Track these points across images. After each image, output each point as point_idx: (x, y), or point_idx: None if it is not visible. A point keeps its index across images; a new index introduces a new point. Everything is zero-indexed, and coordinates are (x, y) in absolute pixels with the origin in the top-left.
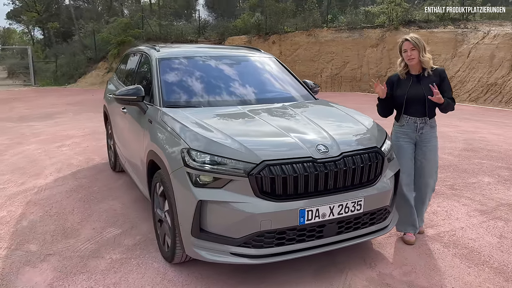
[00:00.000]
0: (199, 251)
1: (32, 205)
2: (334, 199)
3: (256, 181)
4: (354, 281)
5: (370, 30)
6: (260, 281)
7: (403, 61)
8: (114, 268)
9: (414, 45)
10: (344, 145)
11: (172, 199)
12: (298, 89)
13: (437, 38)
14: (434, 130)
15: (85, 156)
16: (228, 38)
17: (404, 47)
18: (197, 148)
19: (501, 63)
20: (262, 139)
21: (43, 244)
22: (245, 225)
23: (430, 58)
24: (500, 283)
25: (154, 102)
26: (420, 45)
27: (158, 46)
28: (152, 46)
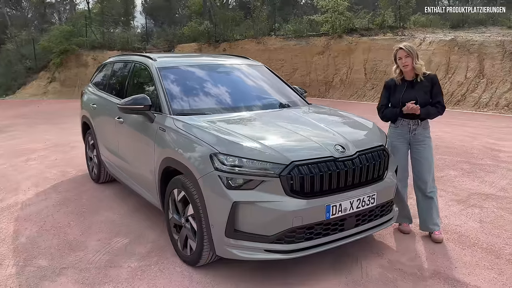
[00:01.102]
0: (233, 250)
1: (23, 221)
2: (353, 194)
3: (286, 181)
4: (370, 269)
5: (315, 38)
6: (285, 275)
7: (398, 68)
8: (137, 276)
9: (408, 52)
10: (357, 144)
11: (201, 202)
12: (293, 95)
13: (378, 45)
14: (428, 131)
15: (58, 169)
16: (177, 46)
17: (399, 55)
18: (226, 152)
19: (438, 67)
20: (284, 141)
21: (52, 259)
22: (278, 222)
23: (422, 65)
24: (493, 260)
25: (162, 110)
26: (413, 52)
27: (153, 55)
28: (146, 55)
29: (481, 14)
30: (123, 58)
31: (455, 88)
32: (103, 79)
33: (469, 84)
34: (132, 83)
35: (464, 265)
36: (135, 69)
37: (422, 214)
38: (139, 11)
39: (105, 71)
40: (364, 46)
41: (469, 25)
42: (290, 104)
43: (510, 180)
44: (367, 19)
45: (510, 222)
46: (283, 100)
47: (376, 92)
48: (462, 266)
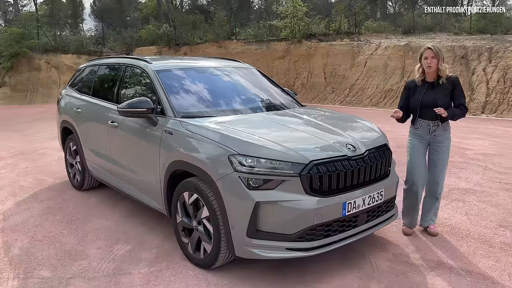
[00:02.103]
0: (254, 250)
1: (10, 232)
2: (365, 192)
3: (306, 180)
4: (378, 263)
5: (276, 42)
6: (301, 274)
7: (421, 67)
8: (151, 281)
9: (435, 54)
10: (365, 144)
11: (218, 204)
12: (288, 97)
13: (336, 50)
14: (448, 132)
15: (32, 177)
16: (135, 49)
17: (426, 55)
18: (245, 153)
19: (393, 71)
20: (299, 142)
21: (55, 269)
22: (299, 221)
23: (447, 68)
24: (488, 249)
25: (166, 113)
26: (441, 54)
27: (146, 57)
28: (139, 58)
29: (429, 21)
30: (109, 61)
31: None
32: (86, 83)
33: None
34: (124, 86)
35: (463, 255)
36: (126, 72)
37: (425, 210)
38: (88, 13)
39: (88, 75)
40: (323, 51)
41: (419, 31)
42: (288, 106)
43: (482, 175)
44: (323, 25)
45: (493, 214)
46: (281, 102)
47: (336, 96)
48: (461, 256)
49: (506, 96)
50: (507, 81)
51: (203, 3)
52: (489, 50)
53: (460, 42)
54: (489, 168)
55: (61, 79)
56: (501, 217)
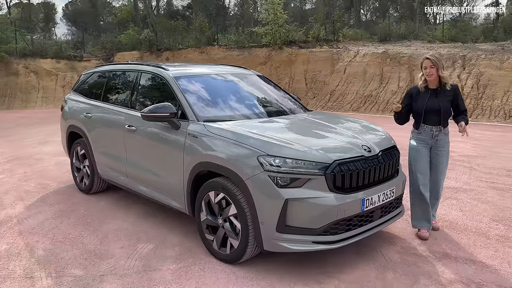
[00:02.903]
0: (284, 244)
1: (29, 234)
2: (380, 189)
3: (330, 178)
4: (390, 255)
5: (257, 49)
6: (323, 265)
7: (423, 76)
8: (182, 276)
9: (434, 63)
10: (378, 145)
11: (248, 202)
12: (295, 102)
13: (317, 56)
14: (447, 137)
15: (35, 182)
16: (117, 54)
17: (425, 65)
18: (274, 154)
19: (372, 77)
20: (320, 143)
21: (85, 268)
22: (325, 216)
23: (448, 74)
24: (486, 241)
25: (188, 118)
26: (439, 63)
27: (163, 64)
28: (155, 65)
29: (402, 29)
30: (120, 67)
31: (390, 97)
32: (95, 88)
33: (402, 93)
34: (140, 92)
35: (465, 246)
36: (141, 78)
37: (423, 211)
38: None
39: (97, 81)
40: (304, 57)
41: (394, 39)
42: (298, 110)
43: (469, 175)
44: (302, 32)
45: (485, 210)
46: (292, 106)
47: (317, 101)
48: (463, 247)
49: (480, 102)
50: (481, 87)
51: (178, 8)
52: (463, 58)
53: (435, 50)
54: (474, 169)
55: (40, 84)
56: (492, 212)
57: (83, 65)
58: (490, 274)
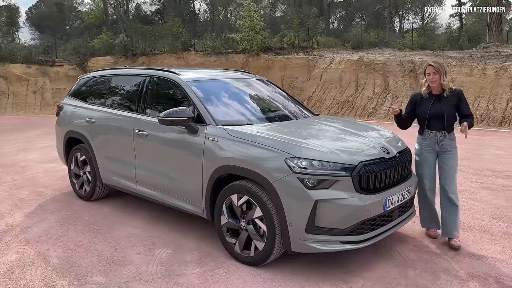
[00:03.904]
0: (312, 244)
1: (37, 243)
2: (398, 189)
3: (356, 180)
4: (406, 253)
5: (234, 55)
6: (345, 265)
7: (426, 82)
8: (209, 280)
9: (437, 70)
10: (394, 147)
11: (275, 204)
12: (302, 106)
13: (293, 63)
14: (454, 141)
15: (28, 189)
16: (91, 59)
17: (428, 71)
18: (301, 156)
19: (348, 84)
20: (343, 145)
21: (106, 275)
22: (352, 216)
23: (450, 81)
24: (491, 238)
25: (206, 122)
26: (442, 70)
27: (175, 69)
28: (166, 70)
29: (372, 37)
30: (124, 72)
31: (366, 102)
32: (97, 93)
33: (378, 98)
34: (150, 96)
35: (474, 243)
36: (151, 83)
37: (445, 220)
38: (23, 21)
39: (98, 86)
40: (280, 64)
41: (366, 46)
42: (307, 114)
43: (460, 177)
44: (276, 38)
45: (483, 209)
46: (302, 110)
47: None
48: (473, 244)
49: None
50: None
51: (147, 13)
52: None
53: (407, 57)
54: (462, 170)
55: (9, 89)
56: (490, 211)
57: (55, 70)
58: (504, 268)
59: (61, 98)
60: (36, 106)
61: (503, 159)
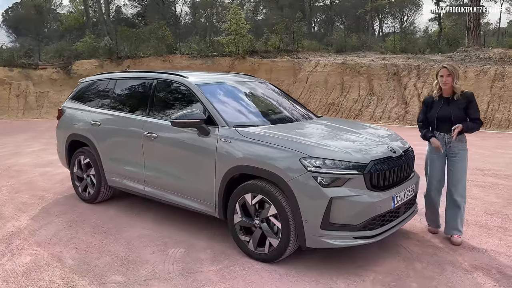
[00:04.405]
0: (327, 240)
1: (48, 245)
2: (404, 187)
3: (368, 177)
4: (411, 248)
5: (220, 58)
6: (355, 260)
7: (438, 84)
8: (227, 276)
9: (450, 72)
10: (399, 146)
11: (290, 202)
12: (305, 107)
13: (279, 66)
14: (464, 145)
15: (27, 193)
16: (75, 62)
17: (441, 73)
18: (315, 155)
19: (334, 86)
20: (353, 145)
21: (125, 274)
22: (364, 212)
23: (461, 85)
24: (488, 232)
25: (217, 123)
26: (455, 72)
27: (183, 72)
28: (175, 73)
29: (354, 41)
30: (131, 75)
31: (352, 105)
32: (101, 96)
33: (363, 101)
34: (158, 99)
35: (473, 237)
36: (158, 86)
37: (449, 220)
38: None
39: (102, 89)
40: (266, 67)
41: (349, 50)
42: (311, 115)
43: None
44: (260, 42)
45: (476, 205)
46: (306, 112)
47: None
48: (473, 238)
49: None
50: None
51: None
52: (417, 68)
53: (390, 61)
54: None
55: None
56: (484, 207)
57: (39, 74)
58: (504, 260)
59: (44, 102)
60: (19, 110)
61: (489, 159)
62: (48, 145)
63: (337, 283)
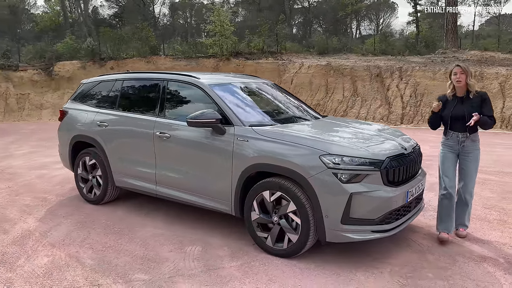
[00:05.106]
0: (347, 234)
1: (63, 246)
2: (415, 182)
3: (384, 173)
4: (420, 240)
5: (205, 59)
6: (371, 253)
7: (452, 84)
8: (249, 272)
9: (464, 70)
10: (407, 145)
11: (311, 198)
12: (310, 107)
13: (263, 68)
14: (476, 144)
15: (28, 196)
16: (56, 64)
17: (455, 71)
18: (335, 153)
19: (318, 88)
20: (368, 142)
21: (147, 272)
22: (382, 207)
23: (475, 83)
24: (490, 224)
25: (233, 123)
26: (468, 71)
27: (194, 73)
28: (187, 74)
29: (335, 43)
30: (138, 76)
31: (337, 105)
32: (108, 97)
33: (347, 102)
34: (169, 100)
35: (476, 230)
36: (169, 87)
37: (457, 216)
38: None
39: (107, 90)
40: (251, 68)
41: (331, 52)
42: (317, 115)
43: None
44: (243, 44)
45: (474, 201)
46: (313, 112)
47: None
48: (476, 231)
49: (419, 109)
50: (418, 95)
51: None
52: (399, 69)
53: (373, 62)
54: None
55: None
56: (481, 202)
57: (19, 75)
58: (509, 250)
59: (26, 104)
60: None
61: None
62: (37, 148)
63: (357, 275)
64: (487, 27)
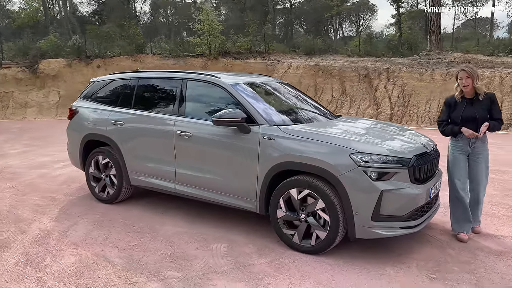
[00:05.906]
0: (377, 230)
1: (87, 245)
2: (435, 180)
3: (412, 171)
4: (438, 236)
5: (193, 58)
6: (395, 249)
7: (459, 87)
8: (280, 269)
9: (469, 74)
10: (428, 143)
11: (341, 195)
12: (323, 107)
13: (252, 67)
14: (485, 145)
15: (36, 195)
16: (42, 61)
17: (460, 76)
18: (364, 151)
19: (307, 88)
20: (393, 142)
21: (180, 269)
22: (410, 204)
23: (483, 85)
24: (499, 220)
25: (258, 122)
26: (474, 74)
27: (215, 73)
28: (206, 73)
29: (320, 44)
30: (155, 75)
31: (326, 105)
32: (123, 96)
33: (337, 102)
34: (189, 99)
35: (489, 226)
36: (188, 86)
37: (463, 214)
38: None
39: (121, 88)
40: (240, 68)
41: (318, 53)
42: (333, 115)
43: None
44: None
45: None
46: (329, 111)
47: None
48: (489, 226)
49: (407, 109)
50: (406, 96)
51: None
52: (387, 70)
53: (360, 63)
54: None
55: None
56: (487, 199)
57: (3, 73)
58: None
59: (10, 103)
60: None
61: None
62: (30, 147)
63: (386, 270)
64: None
